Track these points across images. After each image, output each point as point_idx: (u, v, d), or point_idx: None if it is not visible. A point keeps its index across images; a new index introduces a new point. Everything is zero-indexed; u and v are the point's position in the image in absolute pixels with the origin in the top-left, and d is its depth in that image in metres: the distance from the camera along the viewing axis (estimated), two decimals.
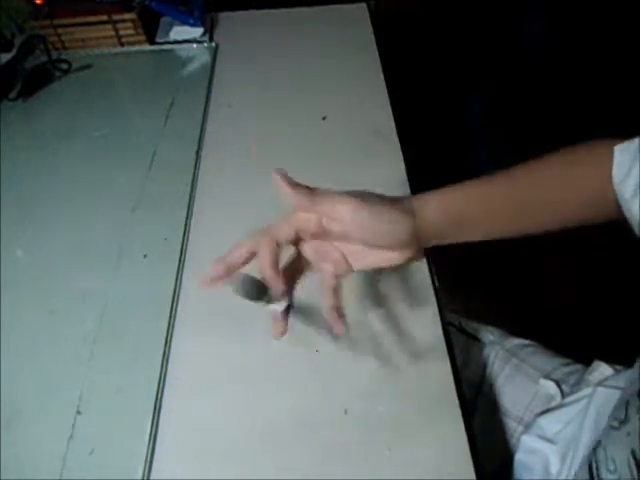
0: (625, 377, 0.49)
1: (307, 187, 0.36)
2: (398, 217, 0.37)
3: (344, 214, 0.36)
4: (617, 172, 0.38)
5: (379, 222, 0.36)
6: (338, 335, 0.38)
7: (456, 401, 0.48)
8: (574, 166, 0.41)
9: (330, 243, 0.39)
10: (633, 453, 0.38)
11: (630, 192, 0.37)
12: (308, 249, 0.39)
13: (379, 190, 0.39)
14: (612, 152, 0.39)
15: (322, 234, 0.38)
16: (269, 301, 0.37)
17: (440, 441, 0.46)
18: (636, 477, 0.36)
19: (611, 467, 0.41)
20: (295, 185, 0.36)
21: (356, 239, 0.37)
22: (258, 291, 0.36)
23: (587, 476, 0.43)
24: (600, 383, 0.51)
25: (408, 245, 0.38)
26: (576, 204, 0.41)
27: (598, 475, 0.42)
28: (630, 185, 0.37)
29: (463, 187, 0.40)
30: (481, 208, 0.40)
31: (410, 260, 0.39)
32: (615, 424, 0.42)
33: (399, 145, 0.71)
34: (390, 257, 0.38)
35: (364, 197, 0.37)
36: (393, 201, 0.38)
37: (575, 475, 0.47)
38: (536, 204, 0.41)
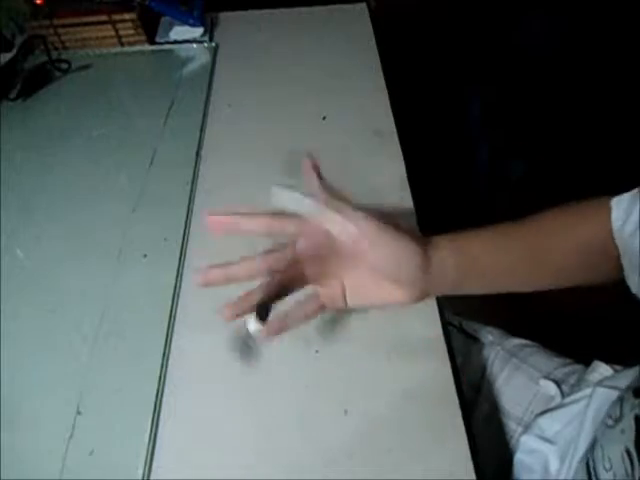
0: (625, 377, 0.49)
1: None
2: (414, 251, 0.35)
3: (367, 230, 0.33)
4: (616, 218, 0.39)
5: (398, 251, 0.34)
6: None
7: (456, 401, 0.48)
8: (575, 220, 0.41)
9: (333, 273, 0.37)
10: (627, 450, 0.38)
11: (629, 230, 0.37)
12: (310, 266, 0.36)
13: (379, 190, 0.39)
14: (610, 206, 0.39)
15: (327, 249, 0.35)
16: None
17: (440, 441, 0.46)
18: (630, 474, 0.36)
19: (607, 465, 0.41)
20: (323, 181, 0.34)
21: (368, 261, 0.35)
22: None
23: (585, 476, 0.43)
24: (599, 383, 0.51)
25: (417, 282, 0.36)
26: (576, 258, 0.41)
27: (596, 475, 0.42)
28: (630, 223, 0.37)
29: (468, 233, 0.39)
30: (486, 254, 0.39)
31: (411, 302, 0.37)
32: (610, 422, 0.42)
33: (399, 145, 0.71)
34: (392, 294, 0.37)
35: (387, 218, 0.35)
36: (410, 232, 0.36)
37: (574, 475, 0.47)
38: (541, 258, 0.40)
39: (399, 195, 0.64)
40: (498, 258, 0.39)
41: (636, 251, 0.37)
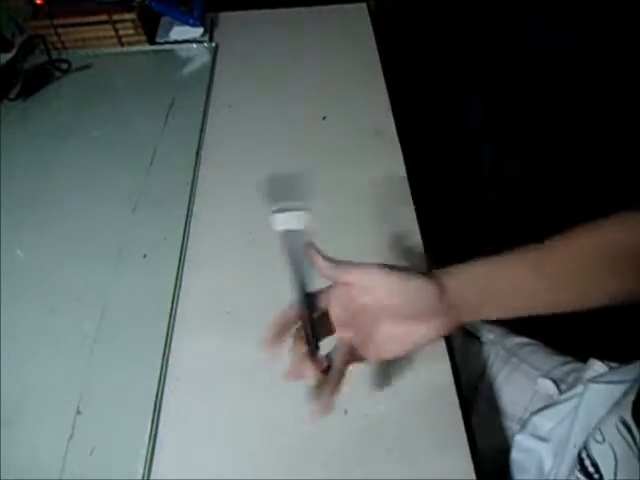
0: (619, 373, 0.50)
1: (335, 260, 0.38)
2: (426, 281, 0.37)
3: (376, 279, 0.36)
4: None
5: (409, 285, 0.37)
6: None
7: (456, 401, 0.48)
8: (605, 233, 0.39)
9: (366, 332, 0.39)
10: (623, 421, 0.38)
11: None
12: (337, 316, 0.39)
13: (378, 190, 0.39)
14: None
15: (355, 305, 0.38)
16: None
17: (440, 441, 0.46)
18: (632, 443, 0.37)
19: (599, 438, 0.41)
20: (326, 258, 0.37)
21: (388, 305, 0.37)
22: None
23: (577, 465, 0.43)
24: (592, 380, 0.51)
25: (437, 312, 0.37)
26: (606, 277, 0.39)
27: (587, 451, 0.42)
28: None
29: (489, 262, 0.39)
30: (509, 285, 0.39)
31: (438, 335, 0.38)
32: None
33: (399, 145, 0.71)
34: (420, 333, 0.38)
35: (391, 266, 0.37)
36: (421, 271, 0.38)
37: (566, 469, 0.47)
38: (568, 279, 0.39)
39: (399, 195, 0.64)
40: (519, 284, 0.39)
41: None
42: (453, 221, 1.29)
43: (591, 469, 0.41)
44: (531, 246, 0.39)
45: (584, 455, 0.42)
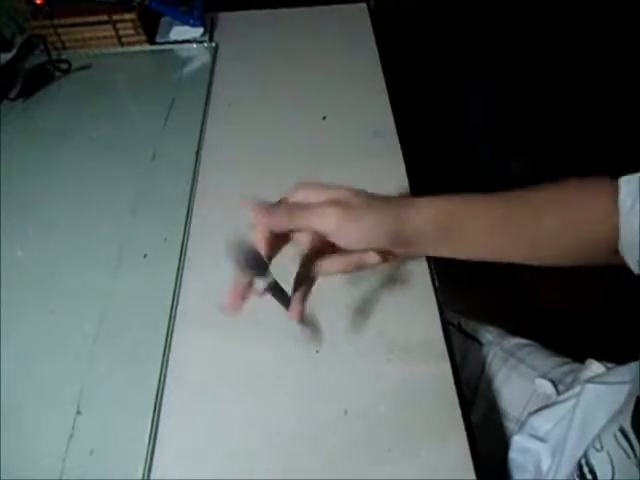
0: (615, 374, 0.50)
1: (282, 203, 0.37)
2: (382, 221, 0.37)
3: (327, 225, 0.36)
4: (625, 199, 0.37)
5: (362, 226, 0.36)
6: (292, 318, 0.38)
7: (456, 401, 0.48)
8: (570, 197, 0.40)
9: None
10: (622, 430, 0.38)
11: None
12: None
13: (378, 191, 0.39)
14: (616, 184, 0.38)
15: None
16: (259, 275, 0.36)
17: (440, 441, 0.46)
18: (631, 453, 0.37)
19: (597, 446, 0.41)
20: (267, 209, 0.36)
21: (342, 245, 0.37)
22: (254, 263, 0.35)
23: (576, 469, 0.44)
24: (589, 380, 0.51)
25: (393, 248, 0.38)
26: (574, 236, 0.39)
27: (586, 458, 0.42)
28: None
29: (456, 197, 0.39)
30: (471, 219, 0.39)
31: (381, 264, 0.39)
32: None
33: (399, 145, 0.71)
34: (366, 259, 0.38)
35: (346, 203, 0.36)
36: (378, 202, 0.38)
37: (564, 471, 0.47)
38: (531, 229, 0.40)
39: (399, 195, 0.64)
40: (479, 222, 0.39)
41: None
42: None
43: (589, 476, 0.41)
44: (498, 193, 0.40)
45: (583, 462, 0.42)
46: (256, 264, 0.35)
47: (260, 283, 0.36)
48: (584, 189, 0.40)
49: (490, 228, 0.39)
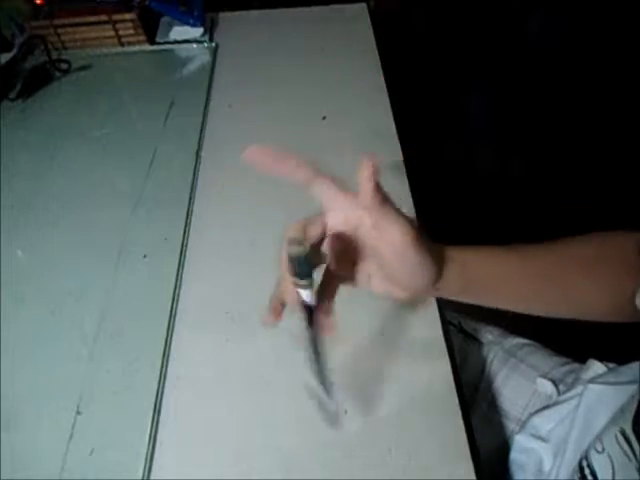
0: (617, 374, 0.50)
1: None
2: (434, 269, 0.35)
3: (397, 238, 0.32)
4: None
5: (420, 267, 0.34)
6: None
7: (456, 401, 0.48)
8: (599, 254, 0.39)
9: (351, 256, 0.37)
10: (622, 431, 0.38)
11: None
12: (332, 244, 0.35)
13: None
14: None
15: (353, 229, 0.35)
16: (305, 286, 0.33)
17: (440, 441, 0.46)
18: (631, 454, 0.36)
19: (599, 448, 0.41)
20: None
21: (386, 265, 0.34)
22: (307, 272, 0.33)
23: (577, 470, 0.44)
24: (591, 381, 0.51)
25: (422, 293, 0.37)
26: (602, 294, 0.39)
27: (587, 459, 0.42)
28: None
29: (484, 248, 0.38)
30: (496, 277, 0.38)
31: (407, 301, 0.38)
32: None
33: (399, 145, 0.71)
34: (394, 293, 0.37)
35: (420, 232, 0.33)
36: (431, 249, 0.35)
37: (566, 471, 0.47)
38: (559, 285, 0.39)
39: (399, 195, 0.64)
40: (506, 279, 0.39)
41: None
42: (453, 221, 1.29)
43: (590, 478, 0.41)
44: (518, 245, 0.39)
45: (584, 464, 0.42)
46: (307, 274, 0.33)
47: (305, 294, 0.34)
48: (609, 246, 0.40)
49: (519, 282, 0.39)
